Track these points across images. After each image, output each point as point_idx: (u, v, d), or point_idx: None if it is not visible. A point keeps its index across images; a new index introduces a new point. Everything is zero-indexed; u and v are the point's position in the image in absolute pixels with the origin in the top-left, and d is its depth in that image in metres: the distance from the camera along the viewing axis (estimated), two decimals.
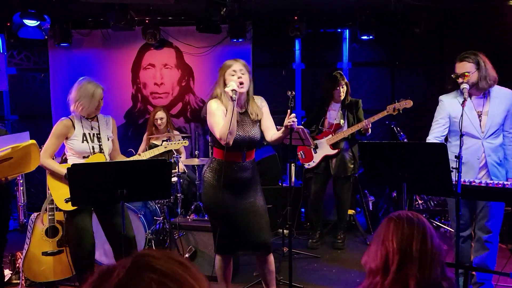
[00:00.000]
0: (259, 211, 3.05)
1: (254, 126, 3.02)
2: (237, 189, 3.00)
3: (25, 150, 2.91)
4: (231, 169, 2.98)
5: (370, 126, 4.48)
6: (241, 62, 2.98)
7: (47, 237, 3.73)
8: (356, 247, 4.84)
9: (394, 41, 6.33)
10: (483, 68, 3.08)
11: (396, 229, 1.55)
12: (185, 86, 6.45)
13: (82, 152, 3.31)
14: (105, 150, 3.38)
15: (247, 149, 2.99)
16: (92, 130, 3.37)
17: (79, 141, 3.31)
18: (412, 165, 2.74)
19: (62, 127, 3.30)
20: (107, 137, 3.43)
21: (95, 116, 3.42)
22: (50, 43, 6.15)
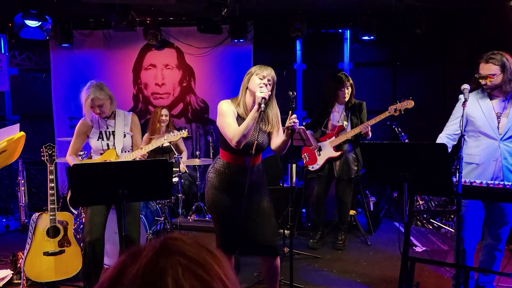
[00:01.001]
0: (264, 213, 3.02)
1: (263, 132, 2.99)
2: (242, 192, 2.94)
3: (17, 142, 2.93)
4: (235, 171, 2.98)
5: (369, 129, 4.46)
6: (269, 69, 2.91)
7: (48, 237, 3.73)
8: (357, 248, 4.84)
9: (395, 42, 6.34)
10: (509, 71, 3.00)
11: None
12: (186, 86, 6.46)
13: (98, 150, 3.49)
14: (117, 146, 3.48)
15: (253, 154, 2.97)
16: (108, 128, 3.52)
17: (95, 139, 3.49)
18: (413, 165, 2.73)
19: (81, 126, 3.51)
20: (124, 134, 3.52)
21: (112, 114, 3.54)
22: (52, 43, 6.16)
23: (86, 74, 6.33)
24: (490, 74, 3.02)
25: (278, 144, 2.96)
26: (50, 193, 3.68)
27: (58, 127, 6.41)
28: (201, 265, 0.65)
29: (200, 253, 0.67)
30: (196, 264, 0.64)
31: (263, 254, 3.08)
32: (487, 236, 3.30)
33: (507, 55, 3.05)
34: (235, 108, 2.95)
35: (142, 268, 0.63)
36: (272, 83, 2.90)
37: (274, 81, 2.93)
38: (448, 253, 4.55)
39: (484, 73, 3.04)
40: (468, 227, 3.16)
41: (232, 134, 2.83)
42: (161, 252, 0.65)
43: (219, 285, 0.64)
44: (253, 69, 2.93)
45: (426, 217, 5.49)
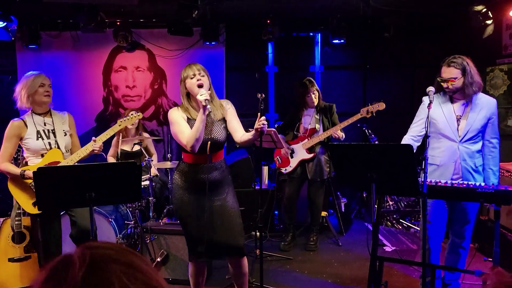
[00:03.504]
0: (229, 212, 3.02)
1: (218, 127, 3.00)
2: (205, 191, 2.96)
3: None
4: (197, 170, 2.99)
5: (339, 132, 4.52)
6: (197, 65, 3.00)
7: (13, 243, 3.64)
8: (329, 249, 4.89)
9: (365, 45, 6.45)
10: (469, 74, 3.08)
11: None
12: (157, 89, 6.40)
13: (38, 150, 3.28)
14: (61, 145, 3.33)
15: (212, 150, 2.98)
16: (45, 126, 3.34)
17: (34, 139, 3.27)
18: (380, 166, 2.78)
19: (13, 128, 3.28)
20: (64, 132, 3.38)
21: (48, 112, 3.38)
22: (18, 45, 6.00)
23: (55, 76, 6.10)
24: (451, 78, 3.11)
25: (244, 140, 2.97)
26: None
27: None
28: (136, 267, 0.65)
29: (129, 257, 0.66)
30: (132, 267, 0.64)
31: (228, 254, 3.08)
32: (452, 235, 3.39)
33: (468, 59, 3.14)
34: (183, 113, 3.00)
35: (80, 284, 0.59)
36: (205, 73, 2.98)
37: (205, 70, 3.00)
38: (417, 252, 4.64)
39: (446, 77, 3.13)
40: (433, 226, 3.24)
41: (185, 140, 2.89)
42: (95, 263, 0.62)
43: (155, 277, 0.66)
44: (182, 74, 3.01)
45: (396, 217, 5.59)
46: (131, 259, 0.66)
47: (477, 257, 4.05)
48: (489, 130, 3.21)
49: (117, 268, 0.62)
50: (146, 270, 0.66)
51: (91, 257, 0.63)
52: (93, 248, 0.66)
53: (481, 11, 4.83)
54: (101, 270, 0.61)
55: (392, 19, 5.54)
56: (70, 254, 0.64)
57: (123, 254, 0.66)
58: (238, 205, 3.09)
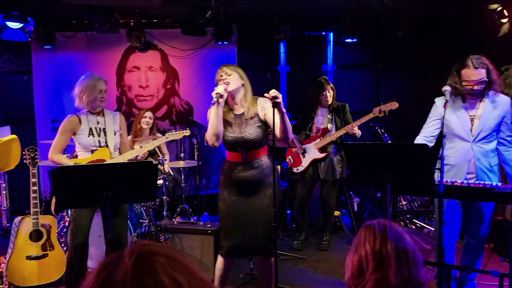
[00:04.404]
0: (260, 213, 3.01)
1: (251, 125, 3.02)
2: (240, 189, 3.04)
3: (6, 145, 2.85)
4: (233, 168, 3.07)
5: (356, 129, 4.52)
6: (224, 66, 3.05)
7: (31, 241, 3.69)
8: (342, 248, 4.88)
9: (378, 44, 6.42)
10: (492, 73, 3.07)
11: (368, 234, 1.54)
12: (170, 88, 6.44)
13: (89, 146, 3.41)
14: (110, 144, 3.44)
15: (245, 149, 3.02)
16: (98, 124, 3.46)
17: (85, 135, 3.40)
18: (396, 165, 2.78)
19: (68, 123, 3.41)
20: (114, 132, 3.49)
21: (101, 111, 3.50)
22: (34, 45, 6.08)
23: (69, 76, 6.26)
24: (480, 80, 3.06)
25: (279, 131, 2.93)
26: (33, 196, 3.64)
27: (40, 130, 6.33)
28: (180, 262, 0.71)
29: (173, 252, 0.73)
30: (176, 261, 0.71)
31: (252, 253, 3.10)
32: (466, 235, 3.37)
33: (484, 58, 3.11)
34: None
35: (130, 271, 0.66)
36: (234, 71, 3.02)
37: (235, 69, 3.05)
38: (431, 252, 4.62)
39: (476, 79, 3.05)
40: (447, 226, 3.23)
41: (207, 135, 3.01)
42: (142, 255, 0.69)
43: (200, 274, 0.72)
44: (216, 78, 3.07)
45: (409, 217, 5.57)
46: (175, 254, 0.73)
47: (494, 258, 4.02)
48: (503, 128, 3.19)
49: (162, 260, 0.69)
50: (188, 264, 0.72)
51: (138, 250, 0.71)
52: (141, 245, 0.73)
53: (496, 9, 4.79)
54: (147, 261, 0.69)
55: (406, 18, 5.52)
56: (122, 250, 0.72)
57: (167, 250, 0.73)
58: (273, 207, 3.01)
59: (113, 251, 2.32)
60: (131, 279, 0.66)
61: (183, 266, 0.70)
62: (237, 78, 3.01)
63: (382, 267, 1.47)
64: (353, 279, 1.51)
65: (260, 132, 3.03)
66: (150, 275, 0.66)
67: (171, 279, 0.67)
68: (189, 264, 0.72)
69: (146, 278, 0.66)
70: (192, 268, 0.72)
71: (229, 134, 3.04)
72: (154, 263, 0.68)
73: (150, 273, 0.67)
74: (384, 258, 1.48)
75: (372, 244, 1.50)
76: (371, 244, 1.51)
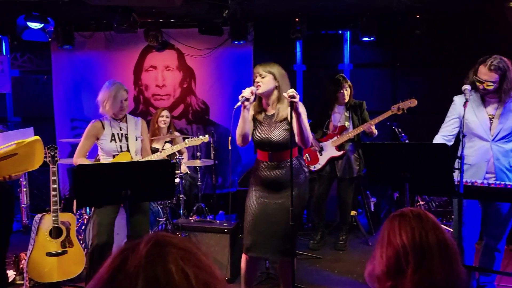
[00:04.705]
0: (281, 213, 3.01)
1: (278, 128, 3.05)
2: (265, 188, 3.08)
3: (29, 146, 2.89)
4: (260, 167, 3.12)
5: (373, 128, 4.49)
6: (264, 65, 3.06)
7: (51, 238, 3.75)
8: (358, 248, 4.86)
9: (395, 43, 6.35)
10: (509, 81, 3.02)
11: (403, 224, 1.36)
12: (186, 88, 6.48)
13: (110, 151, 3.49)
14: (131, 149, 3.52)
15: (271, 150, 3.06)
16: (120, 130, 3.54)
17: (108, 141, 3.49)
18: (415, 165, 2.76)
19: (92, 128, 3.51)
20: (135, 137, 3.57)
21: (124, 117, 3.58)
22: (53, 45, 6.17)
23: (87, 75, 6.35)
24: (489, 81, 3.03)
25: (296, 134, 2.93)
26: (53, 194, 3.69)
27: (59, 129, 6.43)
28: (192, 254, 0.74)
29: (189, 246, 0.76)
30: (188, 253, 0.74)
31: (272, 253, 3.09)
32: (486, 237, 3.33)
33: (509, 63, 3.05)
34: (252, 109, 3.12)
35: (143, 258, 0.70)
36: (268, 72, 3.01)
37: (271, 70, 3.03)
38: None
39: (483, 79, 3.04)
40: (466, 227, 3.19)
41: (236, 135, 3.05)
42: (157, 244, 0.73)
43: (210, 268, 0.74)
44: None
45: None
46: (189, 247, 0.75)
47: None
48: None
49: (175, 251, 0.72)
50: (201, 258, 0.75)
51: (155, 239, 0.74)
52: (159, 235, 0.77)
53: None
54: (161, 250, 0.72)
55: (424, 16, 5.45)
56: (141, 238, 0.76)
57: (184, 243, 0.76)
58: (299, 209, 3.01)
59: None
60: (143, 266, 0.69)
61: (194, 259, 0.73)
62: (269, 80, 3.01)
63: (424, 261, 1.31)
64: (387, 276, 1.34)
65: (287, 135, 3.03)
66: (160, 263, 0.70)
67: (180, 270, 0.69)
68: (202, 258, 0.75)
69: (157, 266, 0.69)
70: (204, 262, 0.74)
71: (258, 134, 3.11)
72: (166, 253, 0.71)
73: (161, 262, 0.70)
74: (425, 251, 1.31)
75: (410, 235, 1.33)
76: (408, 235, 1.34)
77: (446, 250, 1.33)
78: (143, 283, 0.67)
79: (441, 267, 1.30)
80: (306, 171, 3.19)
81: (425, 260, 1.31)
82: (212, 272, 0.74)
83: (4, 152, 2.75)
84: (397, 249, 1.33)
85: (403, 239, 1.33)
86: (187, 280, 0.69)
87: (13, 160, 2.83)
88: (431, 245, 1.32)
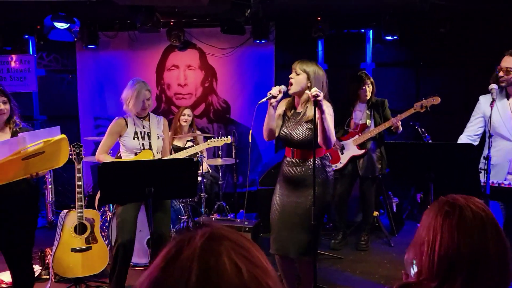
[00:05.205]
0: (302, 212, 2.99)
1: (302, 127, 3.03)
2: (287, 185, 3.09)
3: (56, 144, 2.95)
4: (284, 162, 3.15)
5: (400, 123, 4.44)
6: (302, 62, 3.05)
7: (75, 234, 3.82)
8: (380, 249, 4.81)
9: (419, 41, 6.26)
10: None
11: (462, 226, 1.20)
12: (208, 87, 6.51)
13: (133, 149, 3.53)
14: (153, 147, 3.55)
15: (294, 147, 3.07)
16: (143, 128, 3.58)
17: (131, 138, 3.52)
18: (439, 165, 2.72)
19: (116, 125, 3.55)
20: (158, 136, 3.60)
21: (147, 116, 3.62)
22: (78, 45, 6.29)
23: (111, 74, 6.44)
24: (509, 67, 2.97)
25: (319, 133, 2.89)
26: (78, 191, 3.76)
27: (84, 127, 6.54)
28: (245, 248, 0.75)
29: (243, 240, 0.77)
30: (242, 247, 0.75)
31: (288, 251, 3.09)
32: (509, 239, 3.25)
33: None
34: (284, 105, 3.16)
35: (198, 249, 0.72)
36: (300, 71, 3.02)
37: (304, 66, 3.03)
38: None
39: (504, 66, 3.00)
40: None
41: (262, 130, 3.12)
42: (212, 237, 0.75)
43: (263, 264, 0.75)
44: None
45: None
46: (244, 242, 0.77)
47: None
48: None
49: (229, 244, 0.74)
50: (254, 254, 0.76)
51: (210, 232, 0.76)
52: (214, 227, 0.78)
53: None
54: (216, 243, 0.74)
55: (448, 14, 5.36)
56: (196, 230, 0.78)
57: (238, 237, 0.77)
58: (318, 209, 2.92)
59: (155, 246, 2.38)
60: (197, 257, 0.71)
61: (247, 253, 0.74)
62: (302, 79, 3.01)
63: (479, 273, 1.18)
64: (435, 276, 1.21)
65: (309, 135, 2.99)
66: (214, 256, 0.71)
67: (232, 263, 0.71)
68: (255, 253, 0.76)
69: (210, 258, 0.71)
70: (257, 258, 0.75)
71: (284, 130, 3.12)
72: (220, 246, 0.73)
73: (215, 254, 0.72)
74: (483, 264, 1.18)
75: (469, 243, 1.19)
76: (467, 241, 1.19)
77: (504, 265, 1.21)
78: (196, 274, 0.69)
79: (495, 282, 1.19)
80: (329, 173, 3.13)
81: (480, 272, 1.18)
82: (265, 268, 0.76)
83: (32, 150, 2.81)
84: (452, 254, 1.19)
85: (460, 246, 1.19)
86: (239, 273, 0.70)
87: (40, 158, 2.90)
88: (491, 258, 1.19)
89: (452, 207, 1.24)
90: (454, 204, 1.24)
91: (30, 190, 3.20)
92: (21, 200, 3.05)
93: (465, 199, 1.26)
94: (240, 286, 0.69)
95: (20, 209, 3.05)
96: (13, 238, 3.04)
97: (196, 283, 0.68)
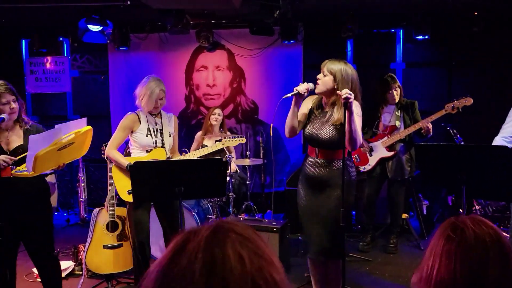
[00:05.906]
0: (325, 213, 2.98)
1: (328, 127, 2.98)
2: (310, 186, 3.06)
3: (84, 135, 3.01)
4: (307, 163, 3.10)
5: (430, 126, 4.36)
6: (331, 62, 2.99)
7: (107, 231, 3.92)
8: (410, 252, 4.73)
9: (451, 41, 6.13)
10: None
11: (462, 251, 1.14)
12: (236, 87, 6.56)
13: (146, 146, 3.46)
14: (166, 145, 3.52)
15: (319, 147, 3.03)
16: (156, 125, 3.53)
17: (144, 135, 3.46)
18: (472, 168, 2.66)
19: (129, 121, 3.48)
20: (169, 133, 3.56)
21: (159, 113, 3.57)
22: (110, 46, 6.44)
23: (141, 75, 6.41)
24: None
25: (347, 135, 2.83)
26: (110, 189, 3.86)
27: (115, 126, 6.62)
28: (251, 240, 0.78)
29: (249, 232, 0.80)
30: (247, 239, 0.77)
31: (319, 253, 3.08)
32: None
33: None
34: (312, 102, 3.11)
35: (203, 240, 0.75)
36: (327, 72, 2.97)
37: (333, 69, 2.96)
38: None
39: None
40: None
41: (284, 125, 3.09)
42: (218, 229, 0.78)
43: (268, 256, 0.77)
44: None
45: None
46: (250, 234, 0.79)
47: None
48: None
49: (234, 236, 0.76)
50: (260, 245, 0.78)
51: (216, 225, 0.79)
52: (221, 221, 0.82)
53: None
54: (221, 234, 0.76)
55: (482, 13, 5.23)
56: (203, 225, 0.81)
57: (244, 229, 0.79)
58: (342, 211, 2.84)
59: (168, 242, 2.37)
60: (202, 248, 0.74)
61: (252, 245, 0.76)
62: (328, 81, 2.94)
63: None
64: None
65: (335, 136, 2.96)
66: (219, 246, 0.74)
67: (236, 253, 0.73)
68: (260, 245, 0.78)
69: (215, 249, 0.74)
70: (262, 249, 0.77)
71: (309, 129, 3.06)
72: (225, 237, 0.76)
73: (220, 245, 0.74)
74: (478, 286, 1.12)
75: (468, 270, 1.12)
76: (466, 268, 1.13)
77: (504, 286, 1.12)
78: (200, 264, 0.72)
79: None
80: (352, 174, 3.07)
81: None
82: (270, 259, 0.77)
83: (66, 141, 2.86)
84: (448, 282, 1.13)
85: (456, 273, 1.13)
86: (242, 264, 0.73)
87: (70, 149, 2.93)
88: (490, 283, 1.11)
89: (454, 231, 1.17)
90: (457, 228, 1.17)
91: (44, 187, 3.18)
92: (34, 194, 3.03)
93: (473, 221, 1.18)
94: (243, 275, 0.72)
95: (33, 203, 3.03)
96: (31, 234, 3.05)
97: (201, 272, 0.71)
